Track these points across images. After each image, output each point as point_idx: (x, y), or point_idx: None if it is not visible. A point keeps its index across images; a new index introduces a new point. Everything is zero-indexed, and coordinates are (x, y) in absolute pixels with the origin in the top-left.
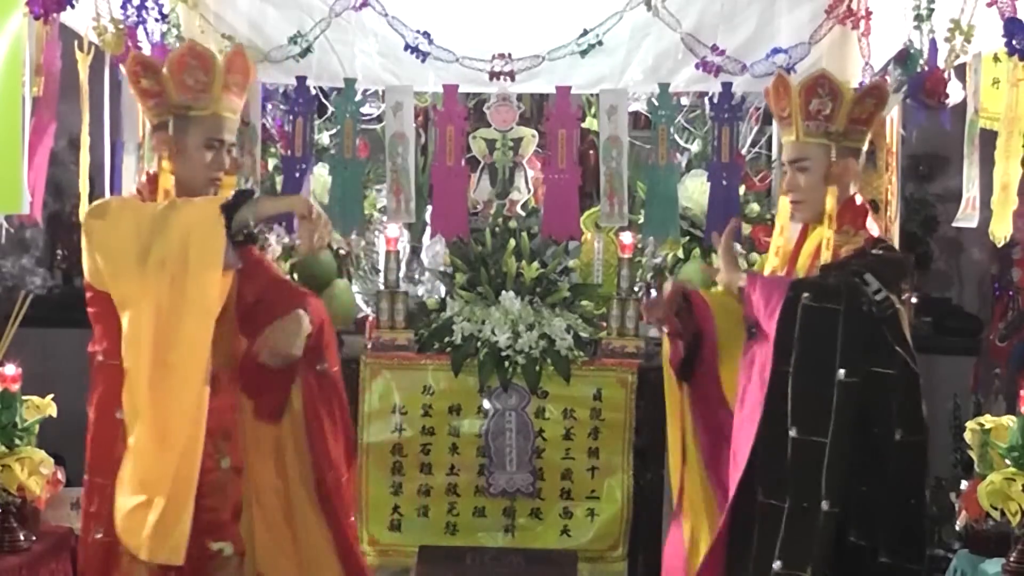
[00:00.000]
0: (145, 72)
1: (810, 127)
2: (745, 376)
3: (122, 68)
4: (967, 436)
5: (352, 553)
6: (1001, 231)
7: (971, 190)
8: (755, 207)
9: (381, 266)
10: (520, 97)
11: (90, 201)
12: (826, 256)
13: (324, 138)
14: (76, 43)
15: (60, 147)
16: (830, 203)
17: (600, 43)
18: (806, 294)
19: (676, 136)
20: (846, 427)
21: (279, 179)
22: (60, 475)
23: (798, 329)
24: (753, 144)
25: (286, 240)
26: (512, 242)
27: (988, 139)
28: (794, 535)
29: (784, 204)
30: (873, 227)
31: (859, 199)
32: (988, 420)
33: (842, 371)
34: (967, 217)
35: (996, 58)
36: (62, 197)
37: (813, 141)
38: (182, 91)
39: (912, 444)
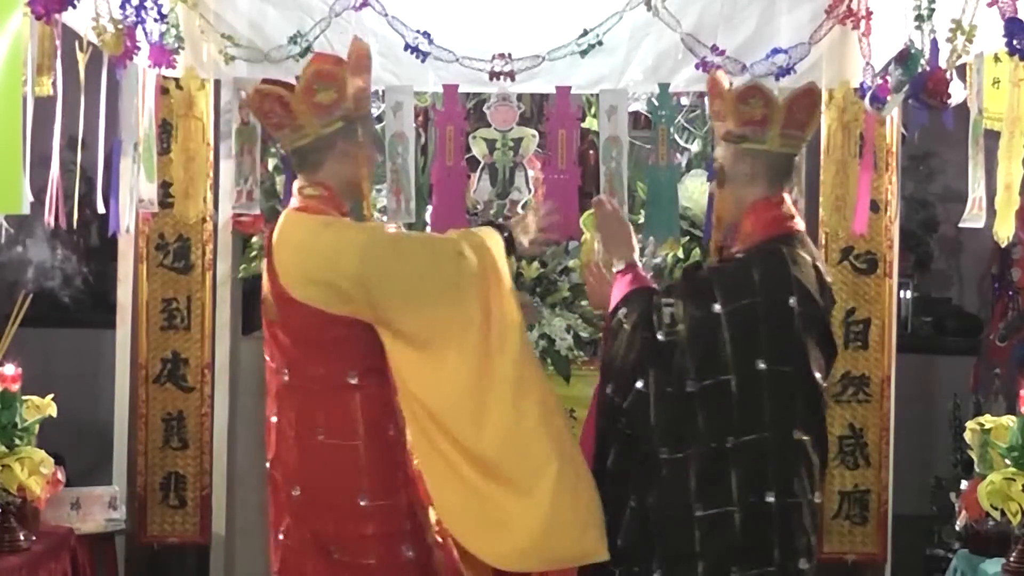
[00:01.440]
0: (325, 83)
1: (717, 128)
2: None
3: (141, 65)
4: (967, 436)
5: None
6: (1004, 231)
7: (977, 190)
8: None
9: None
10: (520, 97)
11: (87, 202)
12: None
13: None
14: (77, 43)
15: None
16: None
17: (600, 43)
18: (622, 310)
19: (676, 136)
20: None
21: (279, 179)
22: (60, 475)
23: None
24: None
25: None
26: None
27: (989, 139)
28: None
29: None
30: (796, 224)
31: (779, 200)
32: (988, 420)
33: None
34: (974, 217)
35: (997, 58)
36: None
37: (722, 143)
38: (357, 93)
39: (677, 460)
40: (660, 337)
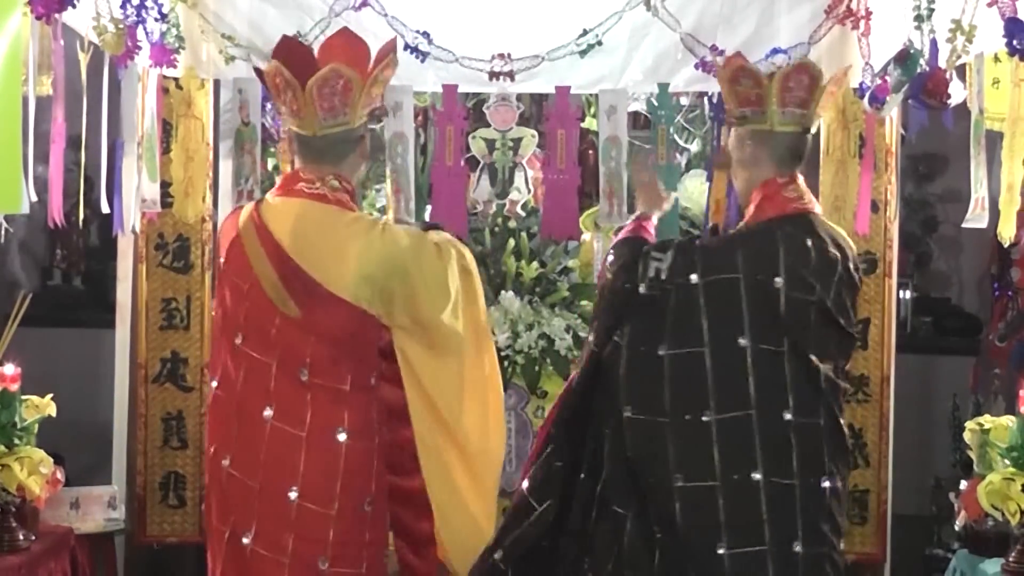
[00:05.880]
0: (386, 72)
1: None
2: None
3: (142, 64)
4: (966, 436)
5: None
6: (1008, 231)
7: (979, 191)
8: None
9: None
10: (520, 97)
11: (87, 201)
12: None
13: None
14: (78, 43)
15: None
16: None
17: (600, 43)
18: (611, 255)
19: (676, 136)
20: None
21: (279, 179)
22: (59, 475)
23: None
24: None
25: None
26: (512, 242)
27: (990, 139)
28: None
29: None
30: (805, 205)
31: (787, 180)
32: (987, 420)
33: None
34: (977, 217)
35: (996, 58)
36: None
37: (729, 127)
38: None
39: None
40: (641, 290)
